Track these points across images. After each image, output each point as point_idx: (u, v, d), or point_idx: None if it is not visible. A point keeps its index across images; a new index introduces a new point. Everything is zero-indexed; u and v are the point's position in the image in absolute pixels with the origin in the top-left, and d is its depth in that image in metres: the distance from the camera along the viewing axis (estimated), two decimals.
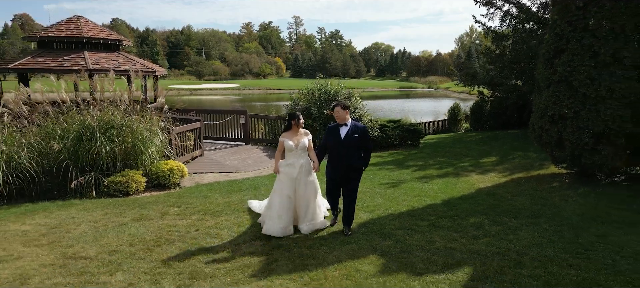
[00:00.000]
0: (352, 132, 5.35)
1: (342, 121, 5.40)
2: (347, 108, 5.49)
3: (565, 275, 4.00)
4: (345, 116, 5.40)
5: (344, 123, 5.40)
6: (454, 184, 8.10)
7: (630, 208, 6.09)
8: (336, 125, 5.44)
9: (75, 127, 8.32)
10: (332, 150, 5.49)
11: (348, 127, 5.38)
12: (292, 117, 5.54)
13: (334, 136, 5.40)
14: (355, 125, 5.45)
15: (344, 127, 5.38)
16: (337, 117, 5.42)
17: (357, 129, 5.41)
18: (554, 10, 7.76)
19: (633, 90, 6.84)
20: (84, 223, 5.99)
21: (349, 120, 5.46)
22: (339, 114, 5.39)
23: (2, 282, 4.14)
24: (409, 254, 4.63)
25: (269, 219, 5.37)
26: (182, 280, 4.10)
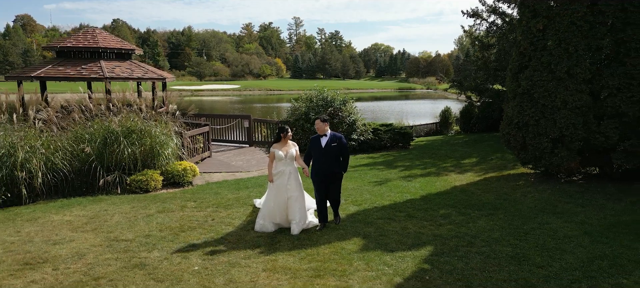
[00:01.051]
0: (331, 141, 6.14)
1: (321, 132, 6.18)
2: (326, 121, 6.26)
3: (504, 251, 5.15)
4: (324, 128, 6.17)
5: (323, 134, 6.17)
6: (433, 182, 9.25)
7: (575, 202, 7.24)
8: (317, 136, 6.23)
9: (101, 132, 9.46)
10: (315, 159, 6.27)
11: (327, 137, 6.16)
12: (281, 130, 6.31)
13: (316, 146, 6.20)
14: (333, 135, 6.22)
15: (324, 137, 6.16)
16: (317, 128, 6.23)
17: (335, 138, 6.19)
18: (518, 32, 8.92)
19: (584, 101, 7.98)
20: (117, 215, 7.14)
21: (328, 131, 6.21)
22: (318, 126, 6.21)
23: (63, 258, 5.28)
24: (385, 237, 5.78)
25: (262, 219, 6.19)
26: (205, 256, 5.25)
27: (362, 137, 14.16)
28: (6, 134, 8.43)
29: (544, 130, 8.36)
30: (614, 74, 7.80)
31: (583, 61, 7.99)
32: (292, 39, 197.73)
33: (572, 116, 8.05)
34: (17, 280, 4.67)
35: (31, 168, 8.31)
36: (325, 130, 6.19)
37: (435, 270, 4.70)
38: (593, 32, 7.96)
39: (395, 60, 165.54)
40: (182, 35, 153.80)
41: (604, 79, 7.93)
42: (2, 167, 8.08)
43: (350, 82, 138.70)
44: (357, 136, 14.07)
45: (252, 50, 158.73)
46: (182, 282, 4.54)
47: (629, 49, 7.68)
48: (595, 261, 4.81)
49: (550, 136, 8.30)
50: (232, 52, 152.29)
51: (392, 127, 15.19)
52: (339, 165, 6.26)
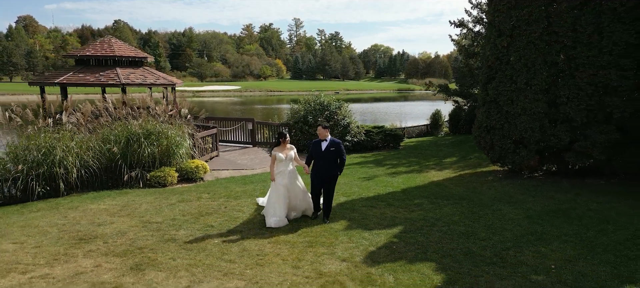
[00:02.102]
0: (330, 146, 6.95)
1: (322, 137, 6.98)
2: (327, 128, 7.05)
3: (458, 229, 6.52)
4: (325, 134, 6.98)
5: (324, 139, 6.99)
6: (414, 178, 10.62)
7: (529, 194, 8.60)
8: (318, 141, 7.03)
9: (125, 134, 10.83)
10: (315, 161, 7.09)
11: (327, 142, 6.96)
12: (281, 136, 7.20)
13: (317, 150, 7.01)
14: (333, 140, 7.01)
15: (324, 142, 6.97)
16: (319, 134, 7.02)
17: (334, 143, 6.99)
18: (486, 49, 10.29)
19: (540, 108, 9.35)
20: (144, 204, 8.51)
21: (328, 136, 6.99)
22: (320, 132, 7.02)
23: (109, 235, 6.64)
24: (366, 220, 7.15)
25: (268, 215, 7.20)
26: (222, 233, 6.61)
27: (356, 138, 15.52)
28: (46, 135, 9.79)
29: (508, 133, 9.74)
30: (566, 85, 9.17)
31: (540, 74, 9.36)
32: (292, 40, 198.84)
33: (531, 121, 9.42)
34: (78, 250, 6.04)
35: (67, 165, 9.68)
36: (326, 135, 7.00)
37: (401, 242, 6.07)
38: (548, 49, 9.33)
39: (394, 61, 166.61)
40: (183, 36, 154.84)
41: (558, 90, 9.30)
42: (43, 164, 9.45)
43: (350, 83, 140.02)
44: (351, 137, 15.43)
45: (252, 51, 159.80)
46: (206, 250, 5.91)
47: (578, 64, 9.04)
48: (526, 236, 6.18)
49: (513, 138, 9.68)
50: (232, 53, 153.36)
51: (383, 129, 16.56)
52: (337, 167, 7.07)
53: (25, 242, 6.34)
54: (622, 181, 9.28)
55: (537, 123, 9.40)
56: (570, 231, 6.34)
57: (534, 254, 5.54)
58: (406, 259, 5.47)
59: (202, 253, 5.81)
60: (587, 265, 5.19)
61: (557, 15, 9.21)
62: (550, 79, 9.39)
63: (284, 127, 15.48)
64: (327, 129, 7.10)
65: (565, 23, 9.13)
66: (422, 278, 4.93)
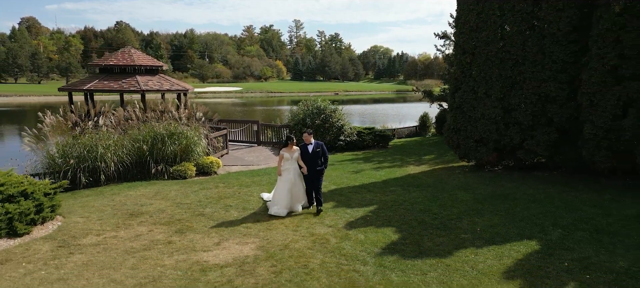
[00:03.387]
0: (315, 147, 8.43)
1: (308, 142, 8.47)
2: (311, 133, 8.60)
3: (418, 207, 8.56)
4: (309, 139, 8.49)
5: (309, 143, 8.51)
6: (395, 172, 12.65)
7: (484, 183, 10.64)
8: (305, 144, 8.52)
9: (151, 134, 12.86)
10: (304, 161, 8.48)
11: (312, 145, 8.47)
12: (288, 139, 8.60)
13: (305, 152, 8.48)
14: (317, 143, 8.50)
15: (310, 145, 8.48)
16: (305, 139, 8.49)
17: (318, 145, 8.47)
18: (453, 64, 12.31)
19: (496, 114, 11.38)
20: (172, 191, 10.54)
21: (312, 140, 8.49)
22: (306, 138, 8.52)
23: (152, 212, 8.67)
24: (350, 201, 9.19)
25: (274, 205, 8.87)
26: (240, 209, 8.65)
27: (348, 138, 17.56)
28: (90, 136, 11.83)
29: (470, 134, 11.78)
30: (516, 95, 11.22)
31: (496, 85, 11.41)
32: (292, 41, 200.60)
33: (489, 124, 11.47)
34: (132, 221, 8.07)
35: (106, 160, 11.73)
36: (310, 140, 8.49)
37: (374, 216, 8.11)
38: (503, 65, 11.37)
39: (393, 63, 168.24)
40: (185, 38, 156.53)
41: (511, 98, 11.34)
42: (88, 159, 11.50)
43: (349, 84, 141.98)
44: (344, 138, 17.46)
45: (253, 52, 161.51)
46: (228, 220, 7.95)
47: (526, 78, 11.07)
48: (468, 211, 8.22)
49: (474, 138, 11.73)
50: (233, 54, 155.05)
51: (373, 130, 18.60)
52: (321, 164, 8.55)
53: (89, 217, 8.38)
54: (562, 173, 11.32)
55: (494, 126, 11.45)
56: (502, 208, 8.39)
57: (469, 222, 7.58)
58: (375, 225, 7.52)
59: (225, 222, 7.85)
60: (504, 228, 7.23)
61: (509, 38, 11.26)
62: (504, 89, 11.43)
63: (285, 128, 17.51)
64: (310, 134, 8.67)
65: (516, 44, 11.17)
66: (384, 236, 6.97)
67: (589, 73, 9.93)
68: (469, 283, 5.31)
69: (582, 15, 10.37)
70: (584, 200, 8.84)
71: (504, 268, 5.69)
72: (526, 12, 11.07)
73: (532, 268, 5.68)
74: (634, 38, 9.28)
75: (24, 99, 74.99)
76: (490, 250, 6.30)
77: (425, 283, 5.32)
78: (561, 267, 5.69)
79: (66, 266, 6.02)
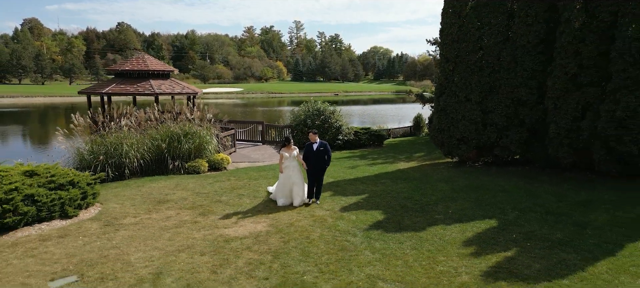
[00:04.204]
0: (320, 146, 9.47)
1: (313, 141, 9.50)
2: (316, 133, 9.63)
3: (403, 195, 10.05)
4: (315, 138, 9.51)
5: (315, 141, 9.55)
6: (387, 167, 14.14)
7: (463, 176, 12.13)
8: (310, 143, 9.52)
9: (168, 134, 14.35)
10: (309, 159, 9.49)
11: (317, 144, 9.45)
12: (287, 140, 9.69)
13: (309, 150, 9.46)
14: (321, 142, 9.52)
15: (315, 144, 9.47)
16: (311, 138, 9.55)
17: (322, 144, 9.49)
18: (437, 72, 13.80)
19: (476, 116, 12.87)
20: (190, 183, 12.03)
21: (317, 140, 9.50)
22: (311, 137, 9.56)
23: (176, 199, 10.16)
24: (345, 191, 10.69)
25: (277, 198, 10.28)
26: (252, 197, 10.15)
27: (346, 138, 19.06)
28: (115, 135, 13.34)
29: (453, 133, 13.28)
30: (493, 99, 12.71)
31: (475, 91, 12.90)
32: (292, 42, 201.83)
33: (469, 125, 12.96)
34: (160, 206, 9.56)
35: (130, 156, 13.23)
36: (315, 139, 9.55)
37: (365, 202, 9.61)
38: (481, 72, 12.86)
39: (393, 64, 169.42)
40: (186, 39, 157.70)
41: (488, 102, 12.84)
42: (114, 155, 13.00)
43: (349, 85, 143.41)
44: (342, 137, 18.96)
45: (253, 53, 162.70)
46: (241, 206, 9.44)
47: (501, 84, 12.56)
48: (444, 198, 9.72)
49: (456, 137, 13.23)
50: (234, 55, 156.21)
51: (369, 130, 20.10)
52: (325, 162, 9.71)
53: (123, 204, 9.88)
54: (532, 168, 12.82)
55: (474, 126, 12.94)
56: (474, 196, 9.89)
57: (443, 207, 9.09)
58: (365, 209, 9.02)
59: (240, 207, 9.36)
60: (471, 211, 8.73)
61: (487, 48, 12.76)
62: (483, 94, 12.92)
63: (288, 129, 19.02)
64: (316, 134, 9.78)
65: (492, 54, 12.67)
66: (372, 217, 8.47)
67: (553, 80, 11.42)
68: (435, 248, 6.80)
69: (549, 29, 11.87)
70: (546, 190, 10.35)
71: (464, 239, 7.19)
72: (502, 26, 12.57)
73: (487, 239, 7.17)
74: (591, 50, 10.77)
75: (29, 100, 76.49)
76: (456, 227, 7.80)
77: (401, 248, 6.81)
78: (509, 238, 7.18)
79: (115, 238, 7.51)
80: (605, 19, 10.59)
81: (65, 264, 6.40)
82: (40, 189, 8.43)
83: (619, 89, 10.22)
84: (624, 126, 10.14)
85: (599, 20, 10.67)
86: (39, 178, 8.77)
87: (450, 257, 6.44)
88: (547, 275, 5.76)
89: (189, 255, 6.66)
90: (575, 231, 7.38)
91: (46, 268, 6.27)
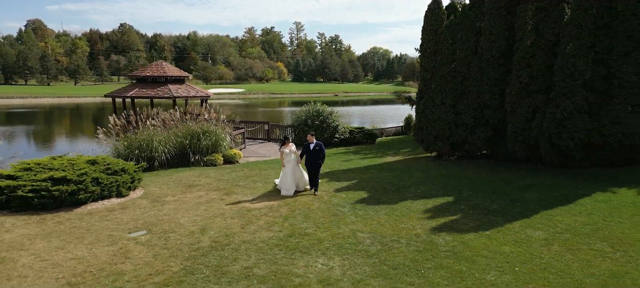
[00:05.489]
0: (316, 146, 11.33)
1: (310, 141, 11.43)
2: (313, 135, 11.73)
3: (386, 180, 12.53)
4: (312, 139, 11.46)
5: (312, 142, 11.46)
6: (376, 160, 16.62)
7: (438, 167, 14.60)
8: (308, 143, 11.43)
9: (189, 132, 16.84)
10: (307, 156, 11.39)
11: (314, 143, 11.39)
12: (285, 139, 11.85)
13: (307, 149, 11.36)
14: (317, 142, 11.41)
15: (312, 144, 11.37)
16: (308, 138, 11.53)
17: (318, 144, 11.34)
18: (420, 80, 16.28)
19: (450, 117, 15.35)
20: (211, 173, 14.51)
21: (314, 140, 11.45)
22: (309, 138, 11.50)
23: (203, 185, 12.63)
24: (338, 178, 13.17)
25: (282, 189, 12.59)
26: (263, 182, 12.64)
27: (342, 136, 21.54)
28: (147, 133, 15.83)
29: (431, 132, 15.78)
30: (463, 103, 15.20)
31: (449, 96, 15.39)
32: (293, 43, 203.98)
33: (443, 125, 15.46)
34: (191, 188, 12.04)
35: (159, 150, 15.71)
36: (312, 140, 11.60)
37: (354, 185, 12.10)
38: (454, 80, 15.35)
39: (392, 64, 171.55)
40: (188, 40, 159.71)
41: (459, 106, 15.32)
42: (146, 150, 15.48)
43: (349, 86, 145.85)
44: (339, 135, 21.44)
45: (254, 54, 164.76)
46: (256, 189, 11.93)
47: (470, 91, 15.05)
48: (417, 183, 12.20)
49: (433, 135, 15.73)
50: (235, 56, 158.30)
51: (363, 129, 22.60)
52: (320, 159, 11.63)
53: (161, 187, 12.35)
54: (497, 161, 15.30)
55: (447, 126, 15.43)
56: (442, 182, 12.37)
57: (415, 188, 11.58)
58: (354, 190, 11.51)
59: (256, 189, 11.85)
60: (435, 191, 11.20)
61: (459, 61, 15.24)
62: (455, 99, 15.41)
63: (290, 128, 21.49)
64: (313, 135, 12.31)
65: (463, 65, 15.16)
66: (358, 195, 10.96)
67: (510, 88, 13.91)
68: (402, 215, 9.28)
69: (508, 45, 14.35)
70: (500, 177, 12.83)
71: (425, 209, 9.68)
72: (471, 42, 15.06)
73: (441, 209, 9.66)
74: (539, 64, 13.26)
75: (38, 101, 79.02)
76: (421, 201, 10.29)
77: (377, 215, 9.29)
78: (458, 208, 9.67)
79: (164, 210, 10.00)
80: (550, 38, 13.09)
81: (133, 225, 8.89)
82: (101, 174, 10.93)
83: (559, 95, 12.71)
84: (563, 126, 12.62)
85: (545, 40, 13.16)
86: (99, 166, 11.28)
87: (412, 220, 8.94)
88: (476, 229, 8.24)
89: (222, 219, 9.15)
90: (508, 204, 9.87)
91: (121, 226, 8.76)
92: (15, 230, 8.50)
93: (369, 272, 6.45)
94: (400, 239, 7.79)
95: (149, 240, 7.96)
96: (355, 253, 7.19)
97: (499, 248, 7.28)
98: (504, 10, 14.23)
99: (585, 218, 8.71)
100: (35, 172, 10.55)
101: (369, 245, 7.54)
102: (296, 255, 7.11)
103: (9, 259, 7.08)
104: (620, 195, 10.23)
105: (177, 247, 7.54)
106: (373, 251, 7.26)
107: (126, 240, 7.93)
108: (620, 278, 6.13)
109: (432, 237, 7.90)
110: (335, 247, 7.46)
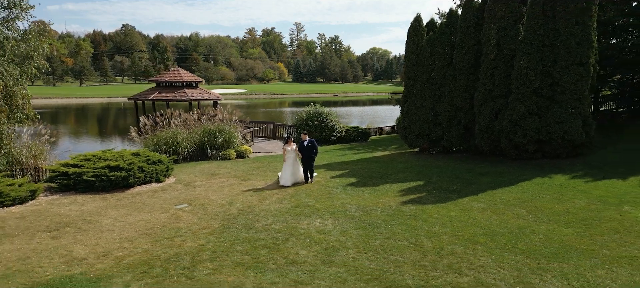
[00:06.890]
0: (309, 143, 13.84)
1: (304, 139, 13.89)
2: (306, 134, 14.98)
3: (372, 170, 15.33)
4: (305, 137, 13.88)
5: (305, 140, 14.04)
6: (366, 155, 19.41)
7: (418, 161, 17.40)
8: (302, 141, 13.90)
9: (206, 131, 19.63)
10: (302, 152, 13.77)
11: (307, 141, 13.88)
12: (288, 138, 14.85)
13: (302, 146, 13.65)
14: (310, 140, 14.03)
15: (305, 141, 13.81)
16: (302, 137, 14.69)
17: (310, 141, 13.82)
18: (403, 85, 19.06)
19: (429, 117, 18.15)
20: (227, 165, 17.30)
21: (307, 138, 14.02)
22: (302, 136, 14.17)
23: (226, 173, 15.42)
24: (334, 168, 15.98)
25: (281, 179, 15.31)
26: (272, 172, 15.44)
27: (339, 134, 24.33)
28: (173, 131, 18.64)
29: (413, 130, 18.60)
30: (440, 106, 18.00)
31: (428, 100, 18.20)
32: (293, 43, 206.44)
33: (423, 124, 18.27)
34: (214, 176, 14.83)
35: (182, 146, 18.51)
36: (305, 138, 14.29)
37: (346, 173, 14.90)
38: (432, 87, 18.15)
39: (391, 65, 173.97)
40: (190, 41, 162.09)
41: (437, 108, 18.12)
42: (172, 145, 18.28)
43: (348, 86, 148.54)
44: (336, 134, 24.24)
45: (255, 55, 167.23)
46: (267, 177, 14.74)
47: (445, 95, 17.84)
48: (398, 171, 15.00)
49: (415, 133, 18.55)
50: (236, 57, 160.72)
51: (357, 128, 25.41)
52: (313, 153, 14.49)
53: (189, 175, 15.13)
54: (468, 155, 18.09)
55: (427, 125, 18.24)
56: (417, 170, 15.16)
57: (394, 175, 14.38)
58: (346, 177, 14.32)
59: (266, 177, 14.66)
60: (410, 177, 14.00)
61: (437, 70, 18.05)
62: (433, 102, 18.21)
63: (292, 127, 24.32)
64: (306, 134, 15.09)
65: (440, 74, 17.96)
66: (349, 181, 13.76)
67: (477, 93, 16.71)
68: (381, 194, 12.07)
69: (476, 58, 17.15)
70: (466, 167, 15.63)
71: (400, 189, 12.48)
72: (447, 54, 17.85)
73: (412, 190, 12.46)
74: (500, 74, 16.07)
75: (47, 101, 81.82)
76: (397, 184, 13.10)
77: (362, 194, 12.09)
78: (425, 189, 12.47)
79: (196, 191, 12.80)
80: (508, 53, 15.90)
81: (176, 200, 11.69)
82: (144, 164, 13.73)
83: (515, 100, 15.51)
84: (518, 125, 15.41)
85: (504, 54, 15.97)
86: (141, 157, 14.09)
87: (388, 196, 11.75)
88: (435, 202, 11.05)
89: (243, 196, 11.97)
90: (465, 186, 12.68)
91: (167, 201, 11.56)
92: (88, 204, 11.32)
93: (352, 226, 9.27)
94: (377, 208, 10.61)
95: (192, 209, 10.78)
96: (343, 216, 10.00)
97: (447, 213, 10.09)
98: (472, 28, 17.03)
99: (518, 194, 11.54)
100: (93, 161, 13.38)
101: (354, 212, 10.35)
102: (301, 218, 9.92)
103: (95, 221, 9.88)
104: (554, 179, 13.04)
105: (214, 213, 10.36)
106: (356, 215, 10.07)
107: (175, 210, 10.74)
108: (524, 229, 8.93)
109: (400, 207, 10.72)
110: (329, 213, 10.28)
